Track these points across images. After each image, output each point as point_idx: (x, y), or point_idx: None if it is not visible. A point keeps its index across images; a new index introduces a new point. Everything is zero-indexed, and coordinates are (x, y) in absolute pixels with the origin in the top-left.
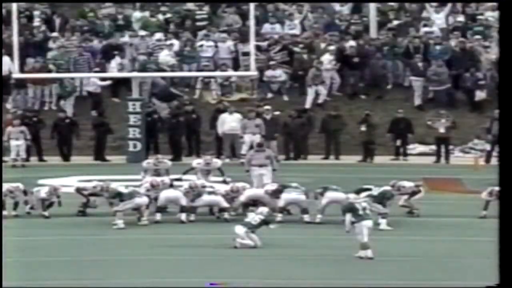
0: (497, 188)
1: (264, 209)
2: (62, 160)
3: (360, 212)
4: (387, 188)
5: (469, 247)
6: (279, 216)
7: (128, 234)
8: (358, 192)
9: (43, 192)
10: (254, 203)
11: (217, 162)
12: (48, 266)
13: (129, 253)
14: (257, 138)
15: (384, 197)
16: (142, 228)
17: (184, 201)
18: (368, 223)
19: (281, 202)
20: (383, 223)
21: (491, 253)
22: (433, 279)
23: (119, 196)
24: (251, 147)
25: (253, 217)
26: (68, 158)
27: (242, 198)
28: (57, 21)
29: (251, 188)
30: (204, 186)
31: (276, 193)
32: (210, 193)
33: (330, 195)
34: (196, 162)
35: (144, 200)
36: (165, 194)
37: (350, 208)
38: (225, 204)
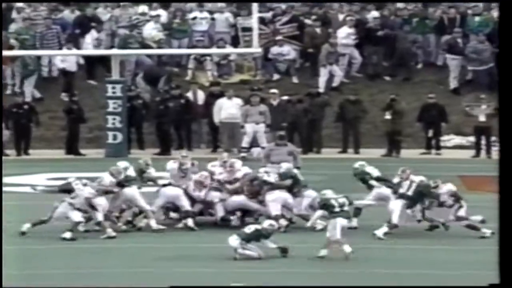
0: None
1: (269, 223)
2: (17, 154)
3: (336, 209)
4: (421, 180)
5: None
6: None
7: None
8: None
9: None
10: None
11: None
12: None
13: None
14: (261, 128)
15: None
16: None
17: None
18: (343, 221)
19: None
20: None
21: None
22: None
23: None
24: (255, 140)
25: (249, 226)
26: (26, 151)
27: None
28: None
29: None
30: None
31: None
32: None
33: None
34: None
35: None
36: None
37: (324, 204)
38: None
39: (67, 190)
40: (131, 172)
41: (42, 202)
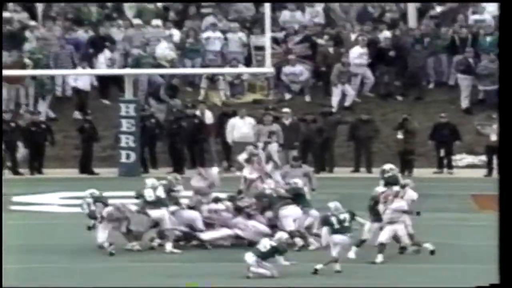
0: None
1: (282, 235)
2: (30, 173)
3: (336, 226)
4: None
5: None
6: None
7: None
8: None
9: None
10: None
11: None
12: None
13: None
14: (274, 147)
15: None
16: None
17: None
18: (339, 238)
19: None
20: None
21: None
22: None
23: None
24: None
25: (265, 243)
26: (40, 170)
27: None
28: (38, 7)
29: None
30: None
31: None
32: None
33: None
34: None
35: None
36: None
37: (325, 221)
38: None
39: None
40: (161, 192)
41: (56, 221)
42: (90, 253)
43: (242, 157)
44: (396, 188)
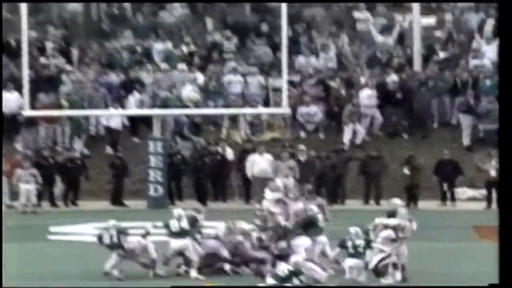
0: None
1: (298, 259)
2: (66, 205)
3: (350, 250)
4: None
5: None
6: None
7: None
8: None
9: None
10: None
11: None
12: None
13: None
14: (291, 182)
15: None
16: None
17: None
18: (352, 261)
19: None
20: None
21: None
22: None
23: None
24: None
25: (283, 268)
26: (75, 203)
27: None
28: (74, 53)
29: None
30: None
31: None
32: None
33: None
34: None
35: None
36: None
37: (341, 244)
38: None
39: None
40: (185, 223)
41: (90, 249)
42: (124, 278)
43: (271, 195)
44: (394, 220)
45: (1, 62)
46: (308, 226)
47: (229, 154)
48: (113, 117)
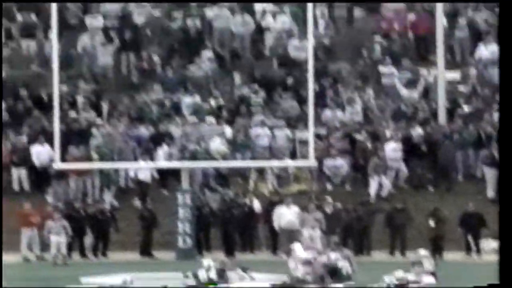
0: None
1: None
2: (95, 256)
3: None
4: None
5: None
6: None
7: None
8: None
9: None
10: None
11: None
12: None
13: None
14: (317, 233)
15: None
16: None
17: None
18: None
19: None
20: None
21: None
22: None
23: None
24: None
25: None
26: (105, 254)
27: None
28: (104, 107)
29: None
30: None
31: None
32: None
33: None
34: None
35: None
36: None
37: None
38: None
39: None
40: (213, 274)
41: None
42: None
43: (301, 254)
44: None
45: (1, 65)
46: (332, 275)
47: (257, 206)
48: (142, 169)
